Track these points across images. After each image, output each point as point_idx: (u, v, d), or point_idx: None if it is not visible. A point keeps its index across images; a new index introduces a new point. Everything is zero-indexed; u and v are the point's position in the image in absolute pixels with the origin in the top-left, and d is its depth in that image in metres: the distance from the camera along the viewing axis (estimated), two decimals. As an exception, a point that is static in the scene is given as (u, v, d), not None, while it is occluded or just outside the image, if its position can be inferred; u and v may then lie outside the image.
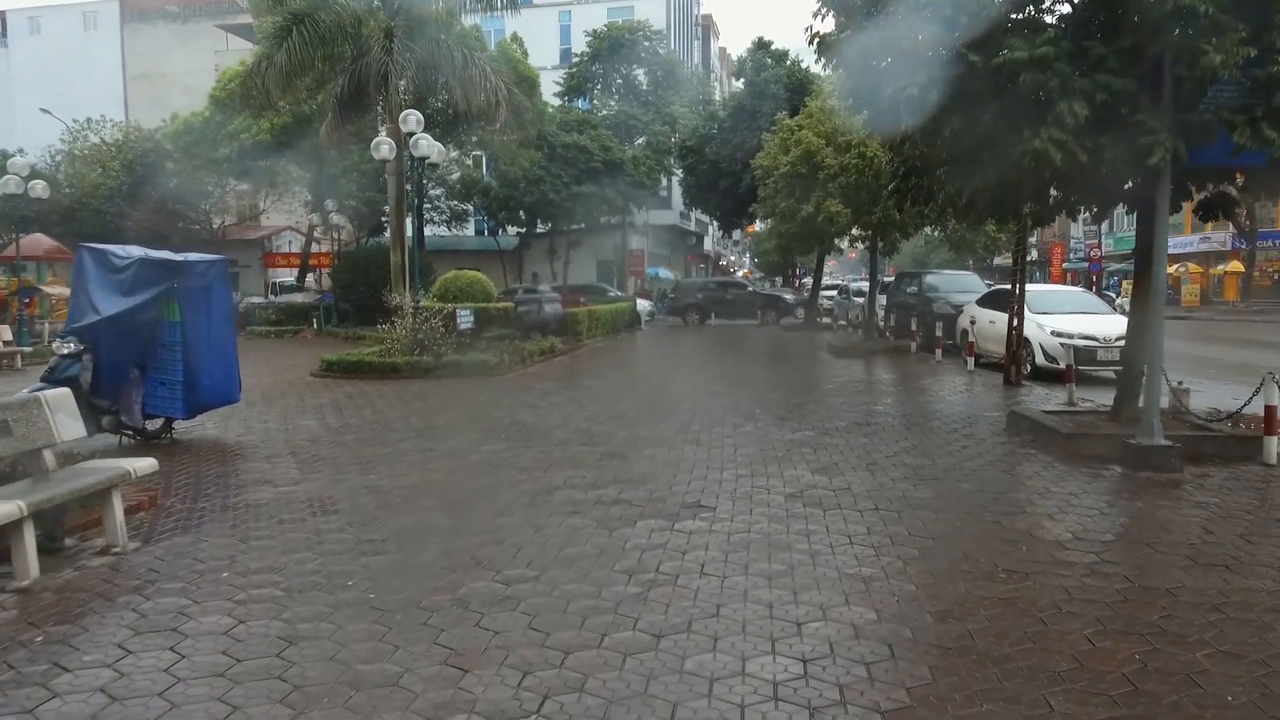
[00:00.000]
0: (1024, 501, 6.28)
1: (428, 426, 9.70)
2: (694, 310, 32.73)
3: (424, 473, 7.35)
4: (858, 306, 29.47)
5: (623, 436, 8.94)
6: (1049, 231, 58.08)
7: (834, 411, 10.61)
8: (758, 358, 18.98)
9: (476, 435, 9.12)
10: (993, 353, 15.72)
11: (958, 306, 19.46)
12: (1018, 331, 13.24)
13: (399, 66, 22.18)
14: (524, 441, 8.74)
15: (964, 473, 7.22)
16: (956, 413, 10.56)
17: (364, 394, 12.57)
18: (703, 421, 9.83)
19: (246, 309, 31.88)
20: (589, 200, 32.45)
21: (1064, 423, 8.57)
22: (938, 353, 17.06)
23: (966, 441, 8.68)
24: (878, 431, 9.20)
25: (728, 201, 29.79)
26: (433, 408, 11.16)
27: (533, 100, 32.15)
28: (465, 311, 15.36)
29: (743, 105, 28.98)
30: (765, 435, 8.98)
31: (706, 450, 8.18)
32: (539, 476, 7.12)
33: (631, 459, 7.78)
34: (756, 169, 20.09)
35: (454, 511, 6.10)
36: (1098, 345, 13.92)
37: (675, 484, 6.82)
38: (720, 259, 73.59)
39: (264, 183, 37.28)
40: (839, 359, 17.92)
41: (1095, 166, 6.98)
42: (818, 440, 8.68)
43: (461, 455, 8.10)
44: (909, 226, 18.10)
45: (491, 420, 10.12)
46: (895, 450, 8.18)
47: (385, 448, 8.45)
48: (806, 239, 20.62)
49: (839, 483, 6.83)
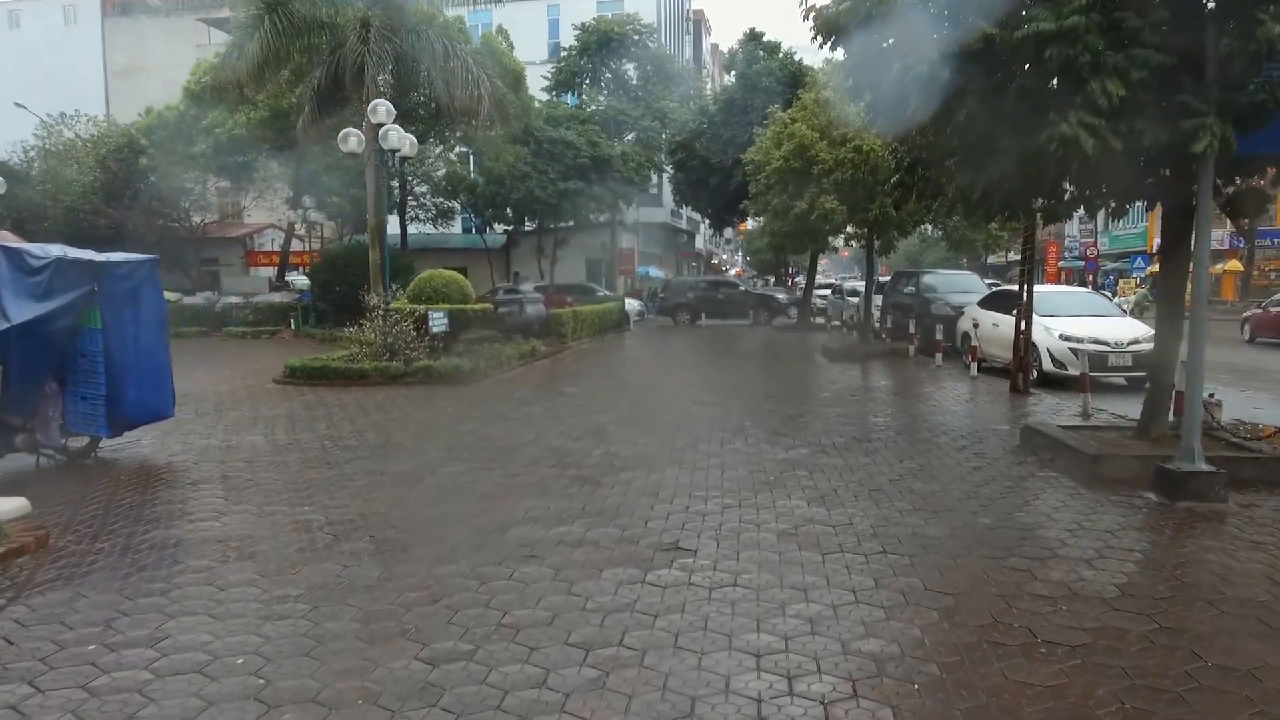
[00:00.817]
0: (1054, 542, 5.42)
1: (384, 443, 8.80)
2: (684, 310, 31.85)
3: (365, 503, 6.46)
4: (852, 307, 28.65)
5: (598, 456, 8.07)
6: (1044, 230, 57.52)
7: (831, 424, 9.75)
8: (749, 362, 18.12)
9: (436, 454, 8.23)
10: (996, 357, 14.89)
11: (957, 308, 18.65)
12: (1025, 336, 12.41)
13: (376, 58, 21.24)
14: (488, 462, 7.86)
15: (980, 502, 6.36)
16: (963, 426, 9.71)
17: (324, 403, 11.67)
18: (688, 437, 8.96)
19: (223, 309, 30.94)
20: (576, 197, 31.52)
21: (1087, 441, 7.72)
22: (938, 357, 16.23)
23: (978, 461, 7.83)
24: (879, 449, 8.34)
25: (719, 199, 28.91)
26: (394, 420, 10.26)
27: (518, 95, 31.25)
28: (438, 314, 14.46)
29: (734, 99, 28.07)
30: (756, 454, 8.11)
31: (690, 473, 7.31)
32: (497, 508, 6.24)
33: (605, 485, 6.90)
34: (747, 164, 19.23)
35: (388, 557, 5.21)
36: (1109, 350, 13.12)
37: (652, 518, 5.95)
38: (712, 258, 72.76)
39: (243, 179, 36.32)
40: (834, 363, 17.08)
41: (1130, 155, 6.13)
42: (814, 460, 7.82)
43: (414, 480, 7.21)
44: (907, 224, 17.27)
45: (456, 435, 9.23)
46: (900, 473, 7.32)
47: (330, 470, 7.55)
48: (800, 237, 19.77)
49: (839, 516, 5.97)
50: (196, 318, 30.53)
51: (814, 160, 16.98)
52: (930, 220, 17.42)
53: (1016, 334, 12.51)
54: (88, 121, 37.39)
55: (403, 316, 14.52)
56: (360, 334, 14.39)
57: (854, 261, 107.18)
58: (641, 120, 37.41)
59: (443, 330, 14.67)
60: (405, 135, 15.02)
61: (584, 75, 42.64)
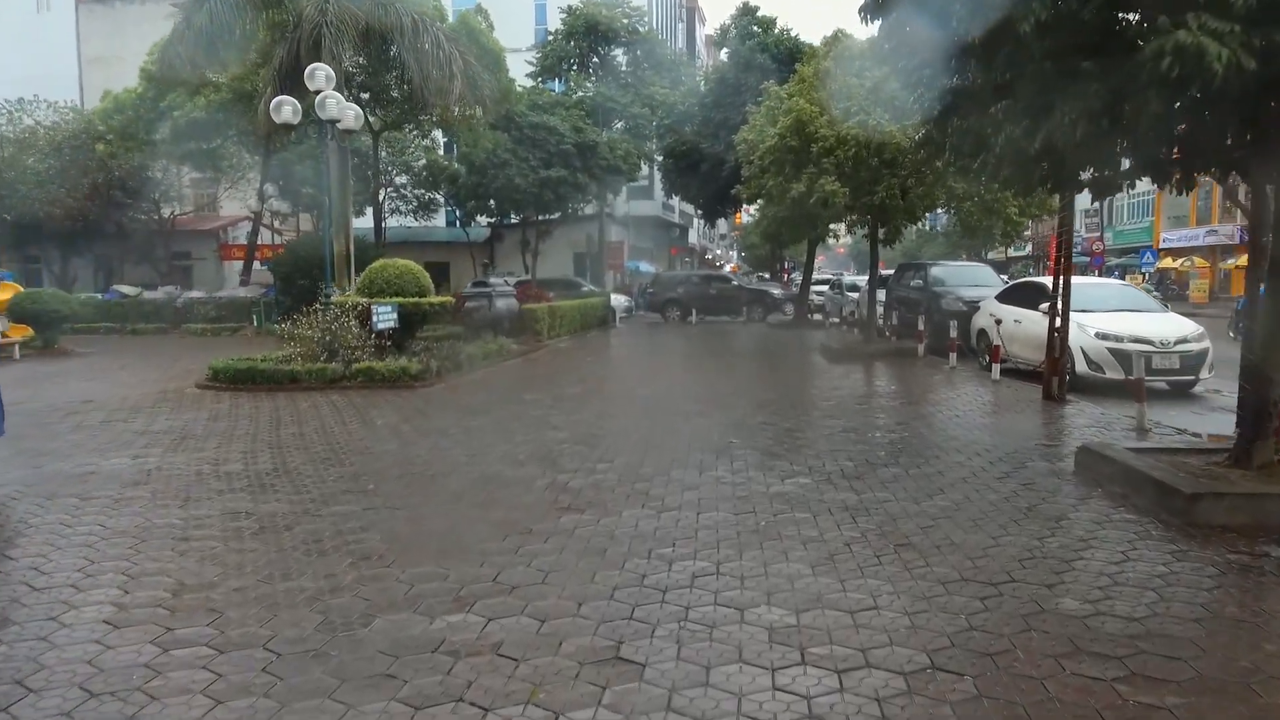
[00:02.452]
0: (1186, 644, 3.63)
1: (274, 470, 6.98)
2: (674, 306, 30.07)
3: (198, 565, 4.64)
4: (851, 302, 26.89)
5: (541, 489, 6.26)
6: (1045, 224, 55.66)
7: (836, 443, 7.96)
8: (741, 363, 16.31)
9: (332, 485, 6.42)
10: (1020, 358, 13.13)
11: (970, 302, 16.89)
12: (1061, 335, 10.63)
13: (334, 30, 19.47)
14: (395, 498, 6.05)
15: (1051, 567, 4.57)
16: (997, 445, 7.92)
17: (235, 414, 9.85)
18: (660, 460, 7.16)
19: (184, 305, 29.09)
20: (559, 186, 29.68)
21: (1172, 472, 5.93)
22: (951, 357, 14.45)
23: (1028, 495, 6.05)
24: (899, 479, 6.55)
25: (710, 187, 27.05)
26: (305, 437, 8.44)
27: (498, 77, 29.41)
28: (385, 308, 12.63)
29: (725, 78, 26.16)
30: (744, 485, 6.31)
31: (655, 517, 5.51)
32: (374, 578, 4.44)
33: (537, 537, 5.10)
34: (740, 144, 17.43)
35: (167, 681, 3.40)
36: (1153, 350, 11.35)
37: (590, 597, 4.15)
38: (706, 253, 70.89)
39: (209, 168, 34.41)
40: (836, 364, 15.29)
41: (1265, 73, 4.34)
42: (817, 496, 6.02)
43: (285, 526, 5.39)
44: (916, 208, 15.50)
45: (371, 458, 7.42)
46: (931, 515, 5.53)
47: (180, 512, 5.73)
48: (797, 224, 17.99)
49: (858, 594, 4.17)
50: (156, 314, 28.69)
51: (813, 138, 15.18)
52: (942, 205, 15.66)
53: (1051, 332, 10.74)
54: (48, 107, 35.48)
55: (343, 311, 12.70)
56: (295, 330, 12.55)
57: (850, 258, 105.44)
58: (631, 107, 35.59)
59: (390, 326, 12.85)
60: (347, 105, 13.21)
61: (571, 61, 40.76)
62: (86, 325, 27.68)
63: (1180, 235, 51.48)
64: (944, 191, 14.59)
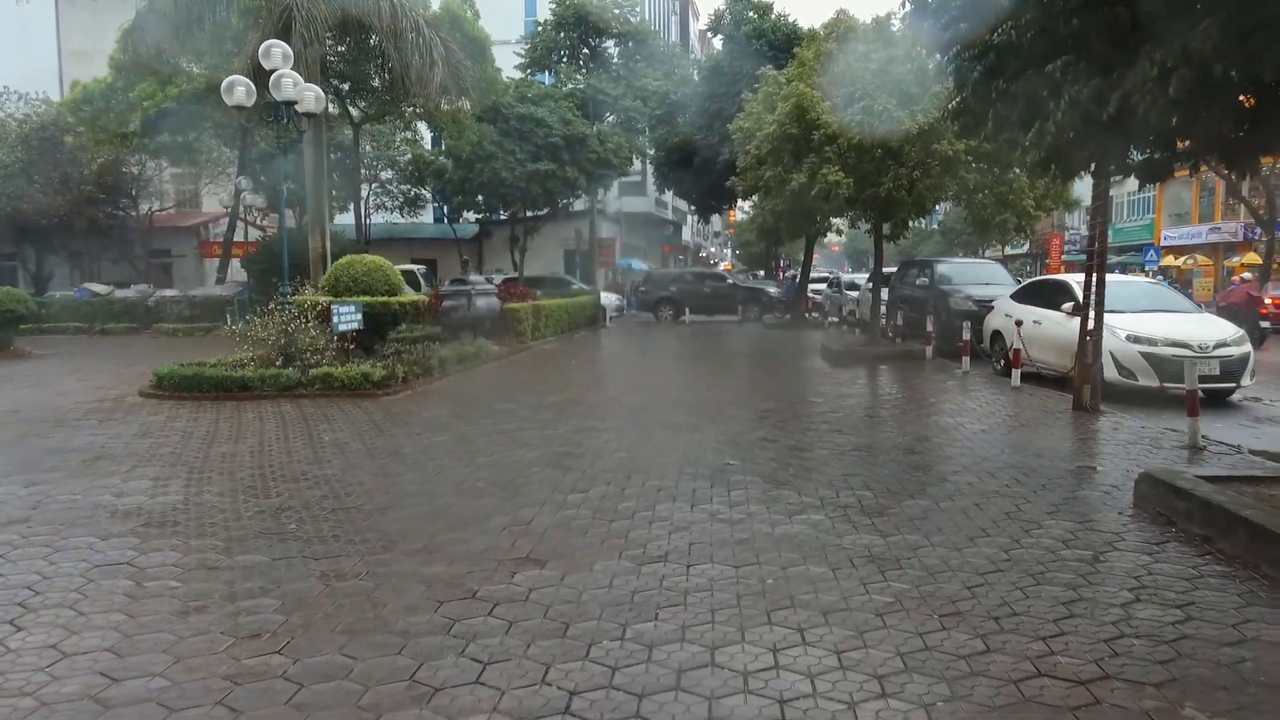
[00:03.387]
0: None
1: (182, 503, 5.84)
2: (667, 305, 28.92)
3: (18, 647, 3.52)
4: (851, 301, 25.83)
5: (497, 530, 5.15)
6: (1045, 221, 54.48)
7: (849, 465, 6.86)
8: (737, 367, 15.21)
9: (248, 524, 5.29)
10: (1044, 363, 12.06)
11: (981, 302, 15.83)
12: (1094, 338, 9.55)
13: (307, 15, 18.32)
14: (317, 543, 4.93)
15: (1149, 652, 3.47)
16: (1036, 468, 6.83)
17: (167, 428, 8.71)
18: (645, 489, 6.06)
19: (157, 304, 27.89)
20: (547, 180, 28.49)
21: (1269, 510, 4.85)
22: (964, 361, 13.37)
23: (1090, 538, 4.97)
24: (931, 516, 5.45)
25: (703, 181, 25.90)
26: (233, 459, 7.30)
27: (483, 67, 28.25)
28: (347, 308, 11.49)
29: (719, 66, 24.98)
30: (745, 525, 5.21)
31: (635, 572, 4.40)
32: (246, 678, 3.31)
33: (479, 607, 3.97)
34: (735, 133, 16.32)
35: None
36: (1192, 355, 10.28)
37: (534, 714, 3.03)
38: (700, 251, 69.79)
39: (185, 161, 33.16)
40: (839, 369, 14.20)
41: None
42: (834, 539, 4.92)
43: (162, 590, 4.25)
44: (926, 200, 14.41)
45: (304, 486, 6.28)
46: (978, 571, 4.43)
47: (46, 562, 4.59)
48: (796, 218, 16.90)
49: (903, 704, 3.07)
50: (127, 313, 27.50)
51: (814, 124, 14.07)
52: (952, 197, 14.59)
53: (1081, 335, 9.65)
54: (20, 99, 34.23)
55: (301, 311, 11.57)
56: (248, 332, 11.40)
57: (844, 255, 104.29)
58: (622, 100, 34.40)
59: (353, 328, 11.71)
60: (307, 86, 12.06)
61: (561, 52, 39.54)
62: (54, 325, 26.51)
63: (1181, 233, 50.57)
64: (955, 182, 13.52)
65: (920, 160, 14.10)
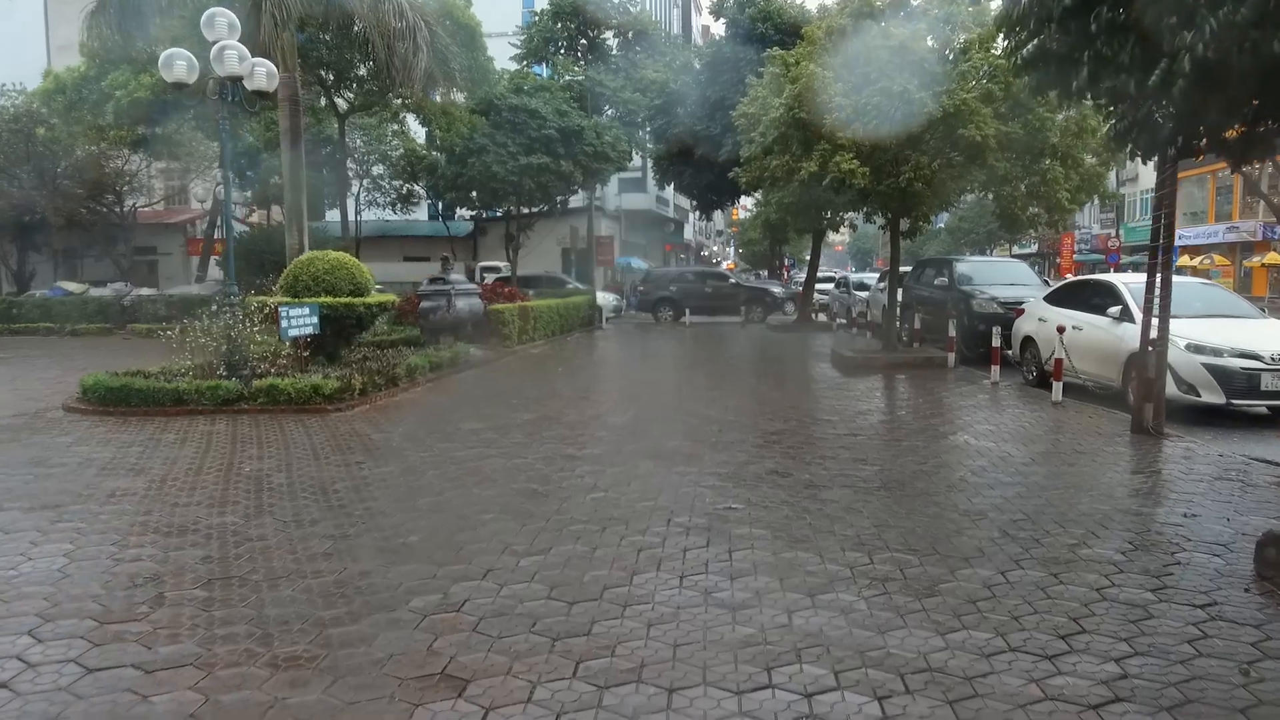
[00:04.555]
0: None
1: (8, 573, 4.50)
2: (666, 305, 27.57)
3: None
4: (860, 302, 24.41)
5: (413, 617, 3.79)
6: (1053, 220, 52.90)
7: (881, 512, 5.48)
8: (741, 377, 13.81)
9: (71, 610, 3.94)
10: (1088, 375, 10.67)
11: (1007, 304, 14.48)
12: (1158, 349, 8.17)
13: (276, -5, 16.98)
14: (156, 638, 3.58)
15: None
16: (1115, 517, 5.45)
17: (67, 454, 7.35)
18: (620, 551, 4.70)
19: (133, 303, 26.62)
20: (541, 174, 27.10)
21: None
22: (994, 371, 12.00)
23: (1225, 633, 3.61)
24: (995, 591, 4.08)
25: (704, 175, 24.48)
26: (121, 499, 5.94)
27: (474, 55, 26.90)
28: (299, 310, 10.12)
29: (722, 52, 23.53)
30: (749, 614, 3.84)
31: (590, 704, 3.05)
32: None
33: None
34: (739, 119, 14.94)
35: None
36: (1262, 368, 8.94)
37: None
38: (702, 249, 68.36)
39: (166, 154, 31.77)
40: (853, 378, 12.82)
41: None
42: (875, 643, 3.55)
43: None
44: (950, 193, 13.06)
45: (177, 546, 4.92)
46: (1086, 703, 3.07)
47: None
48: (805, 212, 15.53)
49: None
50: (101, 313, 26.23)
51: (826, 108, 12.68)
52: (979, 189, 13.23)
53: (1144, 345, 8.27)
54: (-5, 91, 32.94)
55: (246, 313, 10.21)
56: (184, 338, 10.05)
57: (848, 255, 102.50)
58: (622, 92, 33.00)
59: (307, 333, 10.35)
60: (256, 61, 10.69)
61: (559, 42, 38.13)
62: (25, 326, 25.32)
63: (1197, 232, 49.15)
64: (983, 171, 12.14)
65: (942, 149, 12.75)
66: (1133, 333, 10.00)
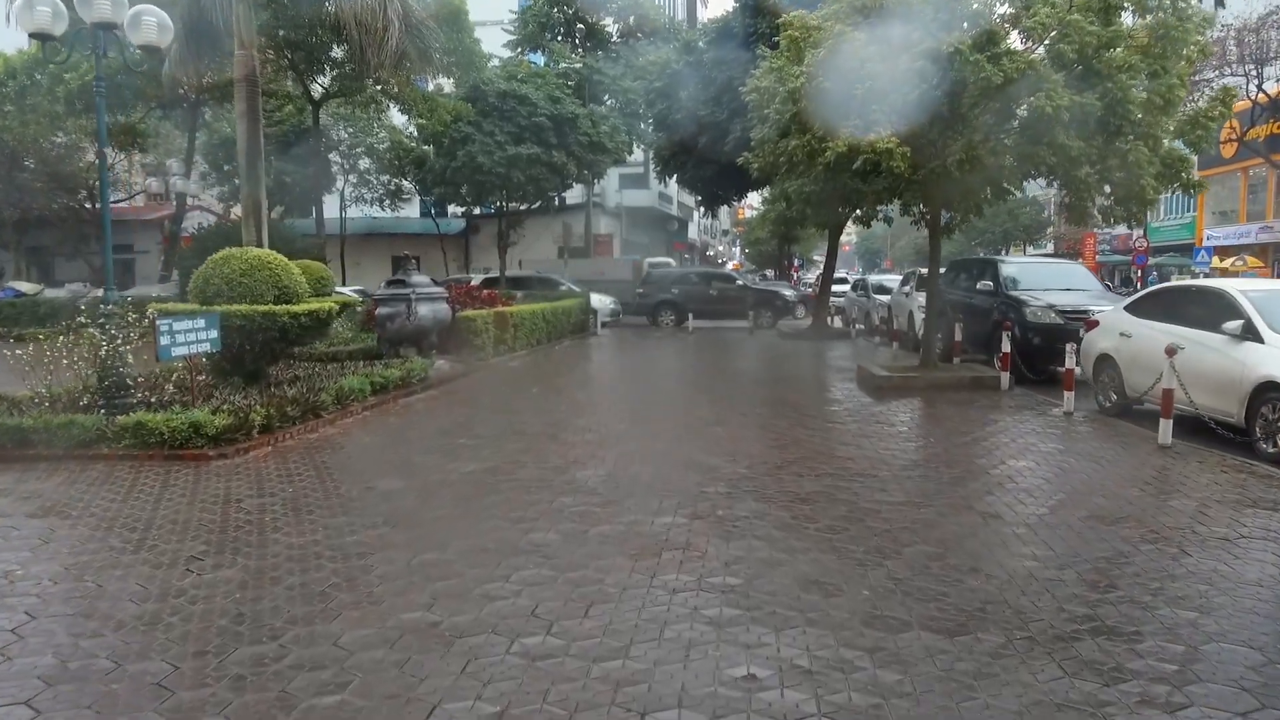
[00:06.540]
0: None
1: None
2: (668, 309, 25.28)
3: None
4: (881, 307, 22.08)
5: None
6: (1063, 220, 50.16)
7: (984, 662, 3.21)
8: (754, 405, 11.42)
9: None
10: (1201, 408, 8.31)
11: (1069, 313, 12.24)
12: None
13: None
14: None
15: None
16: None
17: None
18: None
19: (89, 305, 24.41)
20: (531, 166, 24.84)
21: None
22: (1067, 398, 9.67)
23: None
24: None
25: (708, 167, 22.17)
26: None
27: (458, 35, 24.67)
28: (188, 322, 7.88)
29: (730, 28, 21.18)
30: None
31: None
32: None
33: None
34: (750, 95, 12.65)
35: None
36: None
37: None
38: (707, 249, 65.99)
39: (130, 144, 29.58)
40: (886, 403, 10.50)
41: None
42: None
43: None
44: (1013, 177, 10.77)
45: None
46: None
47: None
48: (827, 204, 13.22)
49: None
50: (54, 315, 24.04)
51: (857, 76, 10.39)
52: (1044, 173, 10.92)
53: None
54: (-48, 78, 30.67)
55: (119, 329, 7.97)
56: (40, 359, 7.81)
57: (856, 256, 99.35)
58: (621, 80, 30.77)
59: (204, 351, 8.10)
60: (142, 8, 8.44)
61: (556, 28, 35.94)
62: (-37, 331, 23.20)
63: (1227, 232, 46.64)
64: (1052, 152, 9.85)
65: (1000, 124, 10.47)
66: (1261, 355, 7.74)
